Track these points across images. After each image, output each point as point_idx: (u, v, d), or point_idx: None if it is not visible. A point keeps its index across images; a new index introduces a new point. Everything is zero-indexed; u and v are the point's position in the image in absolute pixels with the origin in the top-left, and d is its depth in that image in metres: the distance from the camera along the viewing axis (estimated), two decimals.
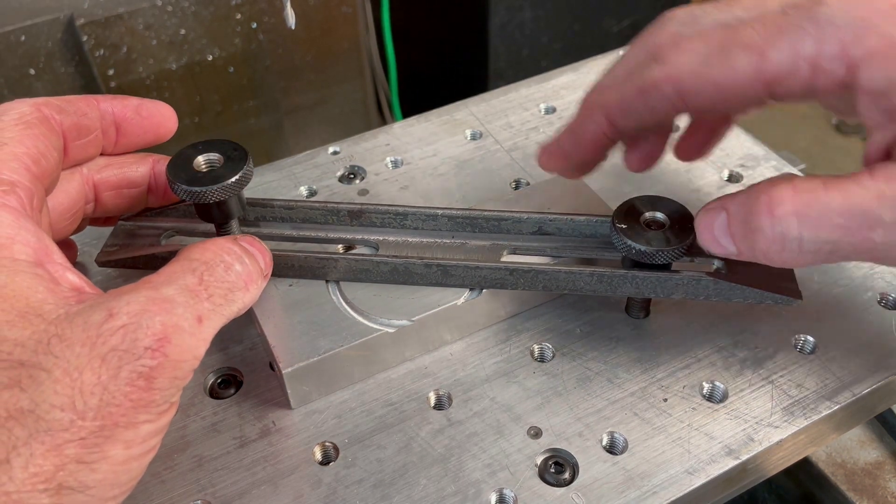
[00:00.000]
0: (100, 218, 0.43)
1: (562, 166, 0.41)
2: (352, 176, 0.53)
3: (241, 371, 0.41)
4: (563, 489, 0.35)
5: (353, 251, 0.43)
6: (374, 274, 0.41)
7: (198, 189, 0.38)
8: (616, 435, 0.37)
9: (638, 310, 0.43)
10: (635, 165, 0.43)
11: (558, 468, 0.36)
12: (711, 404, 0.39)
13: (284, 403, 0.39)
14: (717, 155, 0.53)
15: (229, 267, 0.33)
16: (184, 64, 0.80)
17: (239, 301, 0.33)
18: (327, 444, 0.37)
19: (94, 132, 0.39)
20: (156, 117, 0.41)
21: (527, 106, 0.58)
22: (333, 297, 0.41)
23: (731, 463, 0.36)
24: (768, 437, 0.37)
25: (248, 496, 0.35)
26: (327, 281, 0.41)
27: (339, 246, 0.44)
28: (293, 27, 0.59)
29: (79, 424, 0.27)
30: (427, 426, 0.38)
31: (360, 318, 0.40)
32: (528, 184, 0.51)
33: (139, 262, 0.42)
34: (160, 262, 0.37)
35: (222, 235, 0.41)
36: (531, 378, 0.40)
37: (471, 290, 0.41)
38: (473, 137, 0.55)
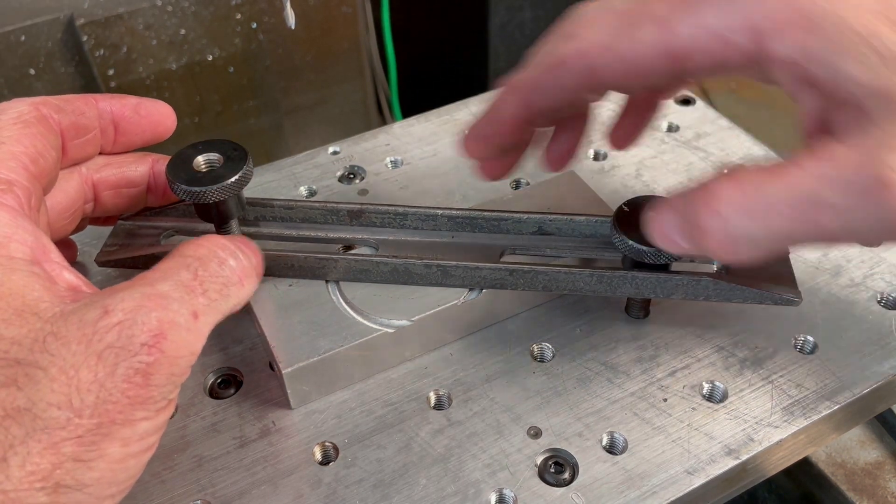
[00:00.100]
0: (99, 218, 0.43)
1: (483, 151, 0.40)
2: (352, 176, 0.53)
3: (241, 371, 0.41)
4: (562, 489, 0.35)
5: (352, 251, 0.43)
6: (373, 274, 0.41)
7: (197, 189, 0.38)
8: (616, 435, 0.37)
9: (638, 310, 0.43)
10: (552, 163, 0.42)
11: (558, 468, 0.36)
12: (711, 404, 0.39)
13: (284, 403, 0.39)
14: (717, 155, 0.53)
15: (223, 262, 0.33)
16: (184, 64, 0.79)
17: (234, 296, 0.33)
18: (327, 444, 0.37)
19: (92, 131, 0.39)
20: (154, 116, 0.41)
21: None
22: (333, 297, 0.41)
23: (730, 463, 0.36)
24: (768, 437, 0.37)
25: (248, 496, 0.35)
26: (327, 281, 0.41)
27: (339, 246, 0.44)
28: (293, 27, 0.60)
29: (76, 422, 0.27)
30: (427, 426, 0.38)
31: (360, 318, 0.40)
32: (528, 184, 0.51)
33: (139, 261, 0.42)
34: None
35: (222, 235, 0.41)
36: (531, 378, 0.40)
37: (471, 290, 0.41)
38: None
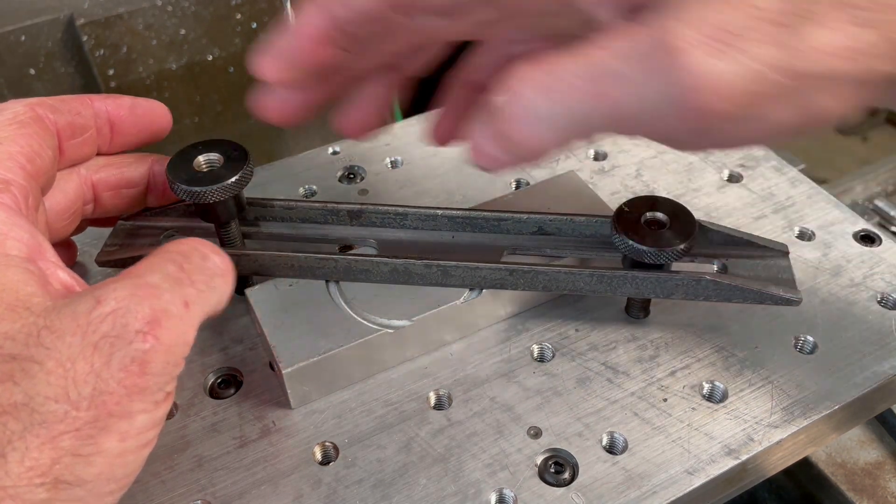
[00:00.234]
0: (99, 218, 0.43)
1: (282, 71, 0.36)
2: (352, 176, 0.53)
3: (241, 371, 0.41)
4: (562, 489, 0.35)
5: (353, 251, 0.43)
6: (373, 274, 0.41)
7: (197, 189, 0.38)
8: (616, 435, 0.37)
9: (638, 310, 0.43)
10: (348, 126, 0.40)
11: (558, 468, 0.36)
12: (711, 404, 0.39)
13: (284, 403, 0.39)
14: (717, 155, 0.53)
15: (206, 257, 0.33)
16: (184, 64, 0.80)
17: (220, 288, 0.32)
18: (327, 444, 0.37)
19: (88, 131, 0.39)
20: (150, 115, 0.41)
21: None
22: (333, 297, 0.41)
23: (730, 463, 0.36)
24: (768, 436, 0.37)
25: (248, 496, 0.35)
26: (327, 281, 0.41)
27: (339, 246, 0.44)
28: None
29: (73, 415, 0.27)
30: (427, 426, 0.38)
31: (360, 318, 0.40)
32: (528, 184, 0.51)
33: (139, 262, 0.42)
34: None
35: (222, 235, 0.41)
36: (531, 378, 0.40)
37: (471, 290, 0.41)
38: None
